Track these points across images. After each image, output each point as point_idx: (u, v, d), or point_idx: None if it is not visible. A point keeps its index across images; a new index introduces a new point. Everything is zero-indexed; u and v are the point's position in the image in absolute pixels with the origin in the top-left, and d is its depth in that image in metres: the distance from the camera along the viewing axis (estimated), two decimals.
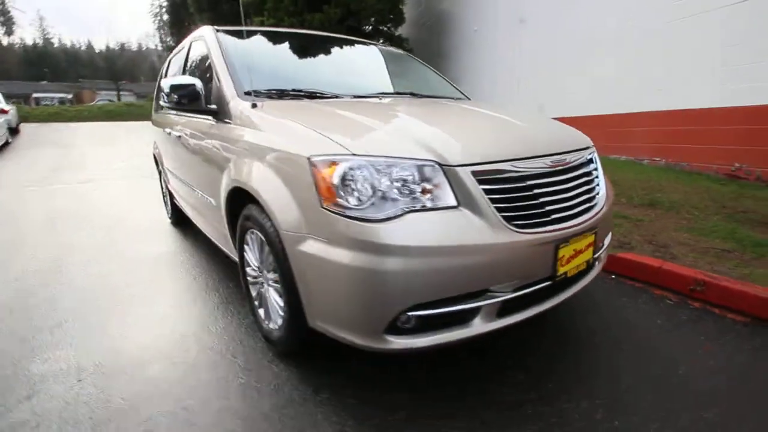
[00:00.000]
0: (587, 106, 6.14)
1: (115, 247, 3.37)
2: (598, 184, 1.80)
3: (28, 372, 1.74)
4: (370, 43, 3.15)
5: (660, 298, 2.34)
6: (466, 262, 1.32)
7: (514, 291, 1.44)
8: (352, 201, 1.31)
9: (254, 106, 1.82)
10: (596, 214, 1.68)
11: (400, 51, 3.32)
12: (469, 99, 2.76)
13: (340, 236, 1.31)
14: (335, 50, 2.91)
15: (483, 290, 1.39)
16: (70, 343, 1.96)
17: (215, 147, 2.06)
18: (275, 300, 1.75)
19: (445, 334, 1.37)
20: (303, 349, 1.76)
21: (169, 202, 4.06)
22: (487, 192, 1.38)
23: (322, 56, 2.74)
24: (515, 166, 1.47)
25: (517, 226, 1.40)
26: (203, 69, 2.45)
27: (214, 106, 2.08)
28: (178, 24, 21.39)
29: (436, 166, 1.36)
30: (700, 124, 4.54)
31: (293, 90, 2.08)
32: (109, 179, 6.69)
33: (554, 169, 1.57)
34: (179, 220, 3.93)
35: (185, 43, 2.98)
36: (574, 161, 1.68)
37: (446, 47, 10.08)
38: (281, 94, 2.01)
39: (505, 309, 1.45)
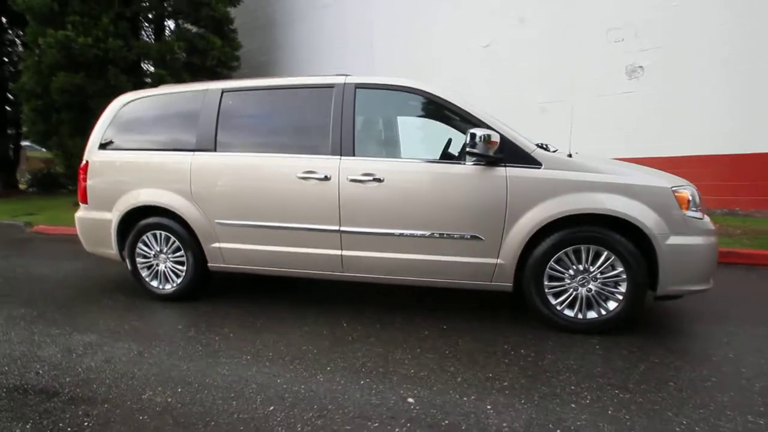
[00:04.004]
0: None
1: None
2: None
3: None
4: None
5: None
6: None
7: None
8: (695, 209, 2.46)
9: (570, 156, 2.55)
10: None
11: None
12: None
13: (695, 229, 2.44)
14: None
15: None
16: None
17: (516, 187, 2.53)
18: (603, 293, 2.51)
19: None
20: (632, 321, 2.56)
21: (188, 269, 3.20)
22: None
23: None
24: None
25: None
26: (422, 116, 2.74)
27: (500, 155, 2.54)
28: None
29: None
30: None
31: (548, 144, 2.85)
32: None
33: None
34: (197, 289, 3.33)
35: (325, 85, 2.91)
36: None
37: None
38: (543, 147, 2.73)
39: None
